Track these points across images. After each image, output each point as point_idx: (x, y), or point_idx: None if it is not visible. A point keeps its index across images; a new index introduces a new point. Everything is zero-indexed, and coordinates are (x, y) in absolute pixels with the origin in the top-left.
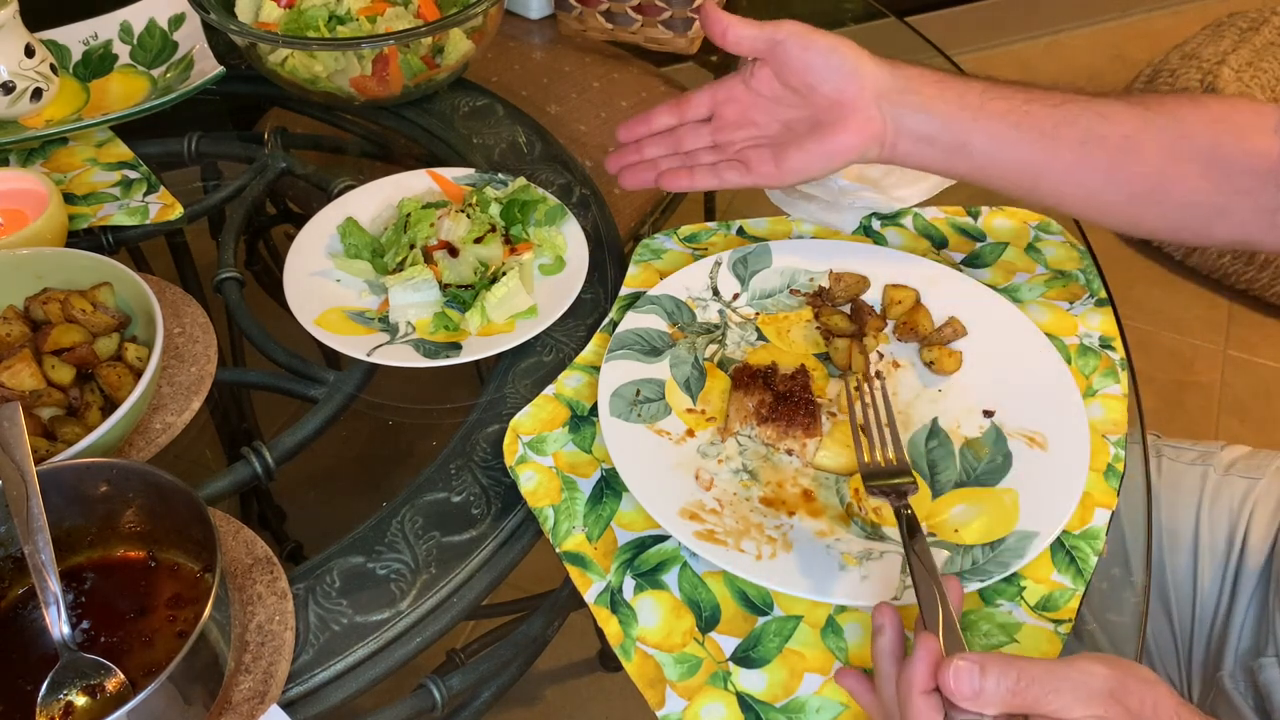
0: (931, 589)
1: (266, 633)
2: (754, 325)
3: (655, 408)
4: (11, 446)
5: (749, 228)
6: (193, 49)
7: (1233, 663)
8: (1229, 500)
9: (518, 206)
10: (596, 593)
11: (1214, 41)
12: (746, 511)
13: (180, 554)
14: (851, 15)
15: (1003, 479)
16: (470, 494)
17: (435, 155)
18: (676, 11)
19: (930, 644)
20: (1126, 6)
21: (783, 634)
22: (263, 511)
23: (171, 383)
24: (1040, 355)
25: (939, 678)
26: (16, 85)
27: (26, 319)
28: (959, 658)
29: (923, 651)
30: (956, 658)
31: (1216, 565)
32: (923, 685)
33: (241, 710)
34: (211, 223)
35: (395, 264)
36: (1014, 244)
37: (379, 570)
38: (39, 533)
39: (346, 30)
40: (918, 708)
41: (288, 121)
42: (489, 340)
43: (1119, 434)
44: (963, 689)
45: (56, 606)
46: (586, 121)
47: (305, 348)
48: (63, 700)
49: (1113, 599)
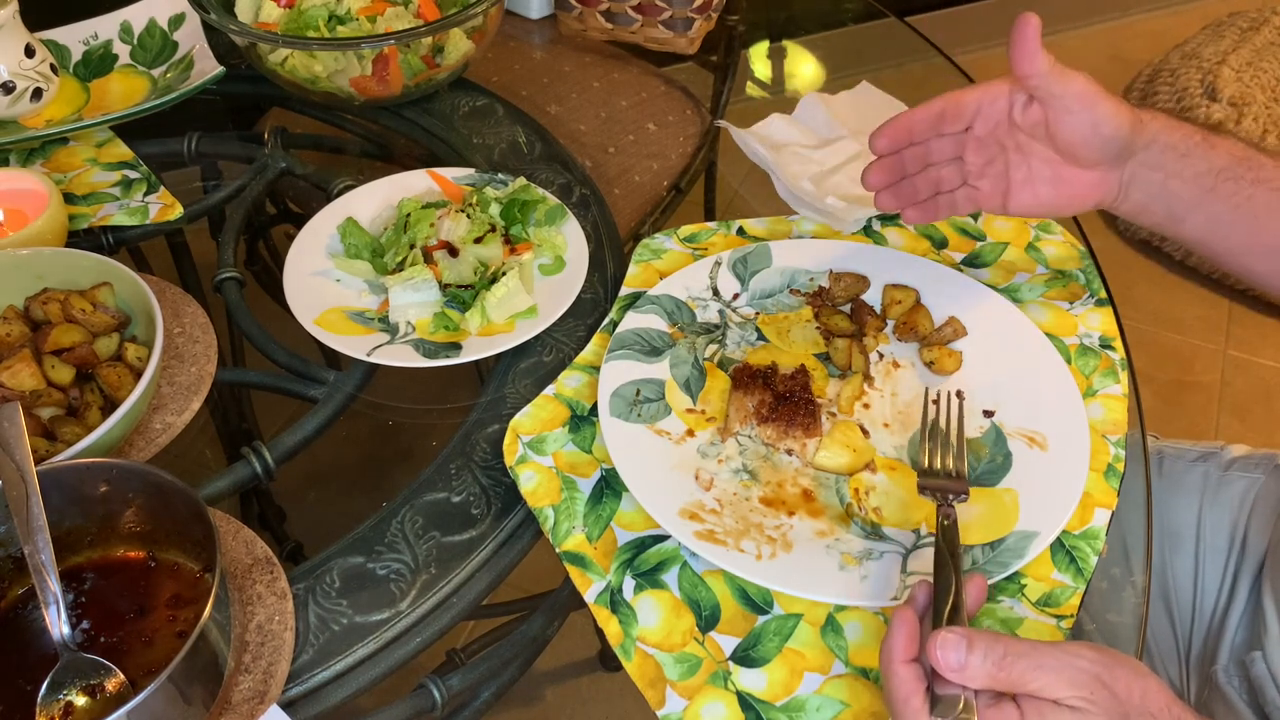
0: (949, 577)
1: (266, 633)
2: (754, 325)
3: (655, 408)
4: (11, 446)
5: (749, 228)
6: (193, 49)
7: (1227, 657)
8: (1230, 499)
9: (518, 206)
10: (596, 593)
11: (1214, 41)
12: (746, 511)
13: (180, 554)
14: (851, 15)
15: (1003, 479)
16: (470, 494)
17: (435, 155)
18: (676, 11)
19: (906, 614)
20: (1126, 6)
21: (782, 633)
22: (263, 511)
23: (171, 383)
24: (1040, 355)
25: (926, 649)
26: (16, 85)
27: (26, 319)
28: (946, 630)
29: (899, 622)
30: (944, 630)
31: (1218, 564)
32: (902, 655)
33: (241, 710)
34: (211, 223)
35: (395, 264)
36: (1014, 244)
37: (379, 570)
38: (39, 533)
39: (346, 30)
40: (900, 677)
41: (288, 121)
42: (489, 340)
43: (1119, 434)
44: (949, 660)
45: (56, 606)
46: (586, 121)
47: (305, 348)
48: (63, 700)
49: (1113, 599)
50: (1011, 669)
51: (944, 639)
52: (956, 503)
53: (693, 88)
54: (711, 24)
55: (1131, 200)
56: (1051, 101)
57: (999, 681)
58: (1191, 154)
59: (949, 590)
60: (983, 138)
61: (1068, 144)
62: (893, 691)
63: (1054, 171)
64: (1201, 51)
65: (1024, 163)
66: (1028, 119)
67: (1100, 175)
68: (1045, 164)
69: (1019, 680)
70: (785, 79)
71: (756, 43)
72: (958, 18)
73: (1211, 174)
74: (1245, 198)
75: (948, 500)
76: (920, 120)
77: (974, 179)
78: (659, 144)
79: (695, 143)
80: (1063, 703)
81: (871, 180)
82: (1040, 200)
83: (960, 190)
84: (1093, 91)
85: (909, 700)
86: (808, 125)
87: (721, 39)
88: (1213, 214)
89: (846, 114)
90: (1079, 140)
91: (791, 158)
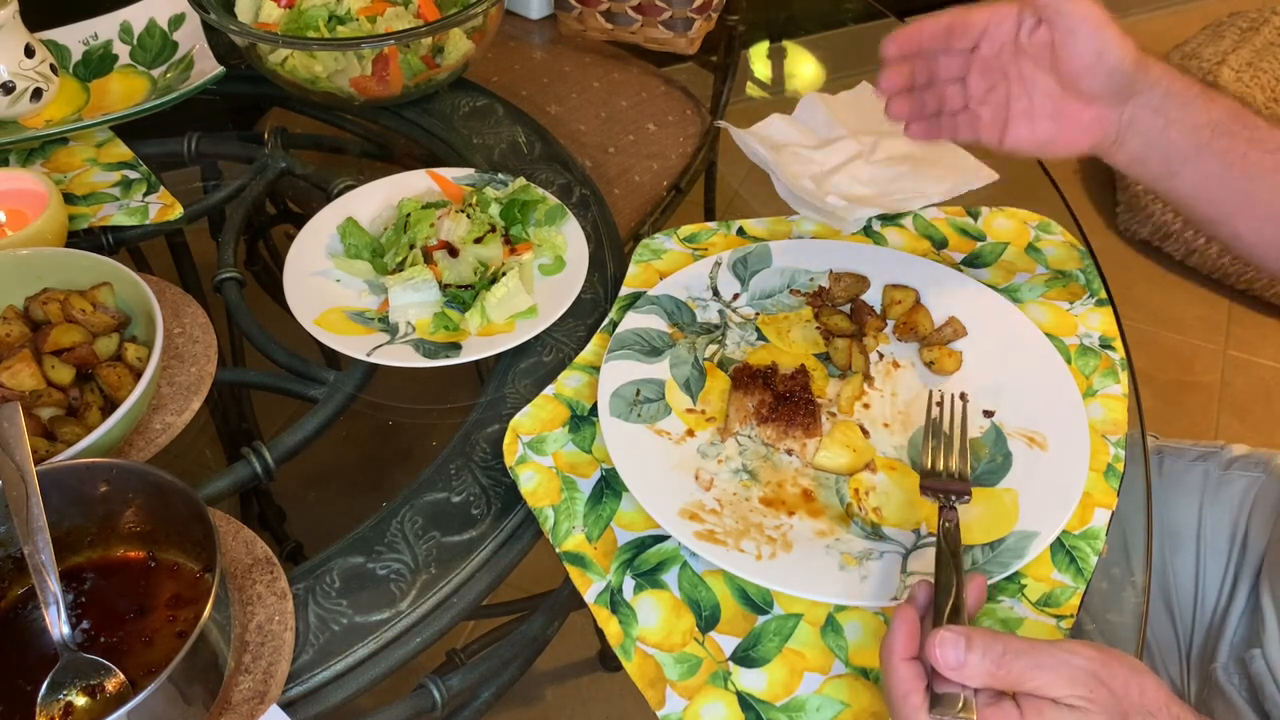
0: (950, 576)
1: (266, 633)
2: (754, 325)
3: (655, 408)
4: (11, 446)
5: (749, 228)
6: (193, 49)
7: (1226, 655)
8: (1230, 498)
9: (518, 206)
10: (596, 593)
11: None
12: (746, 511)
13: (180, 554)
14: (851, 15)
15: (1003, 479)
16: (470, 494)
17: (435, 155)
18: (676, 11)
19: (907, 613)
20: (1126, 6)
21: (782, 633)
22: (263, 511)
23: (171, 383)
24: (1040, 355)
25: (926, 647)
26: (16, 85)
27: (26, 319)
28: (946, 629)
29: (900, 620)
30: (943, 629)
31: (1218, 563)
32: (902, 652)
33: (241, 710)
34: (211, 223)
35: (395, 264)
36: (1014, 244)
37: (379, 570)
38: (39, 533)
39: (346, 30)
40: (900, 674)
41: (288, 121)
42: (489, 340)
43: (1119, 434)
44: (948, 659)
45: (56, 606)
46: (586, 121)
47: (305, 348)
48: (63, 700)
49: (1113, 598)
50: (1010, 667)
51: (943, 637)
52: (959, 504)
53: (693, 88)
54: (711, 24)
55: (1128, 148)
56: (1058, 21)
57: (997, 679)
58: (1192, 104)
59: (950, 589)
60: (987, 59)
61: (1071, 70)
62: (892, 689)
63: (1055, 106)
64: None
65: (1025, 94)
66: (1034, 42)
67: (1100, 112)
68: (1047, 97)
69: (1017, 679)
70: (785, 79)
71: (756, 43)
72: None
73: (1209, 127)
74: (1239, 155)
75: (950, 502)
76: (929, 31)
77: (975, 104)
78: (659, 144)
79: (695, 143)
80: (1061, 701)
81: (885, 83)
82: (1037, 135)
83: (961, 114)
84: (1099, 15)
85: (908, 697)
86: (808, 125)
87: (721, 39)
88: (1206, 170)
89: (846, 114)
90: (1082, 66)
91: (791, 158)
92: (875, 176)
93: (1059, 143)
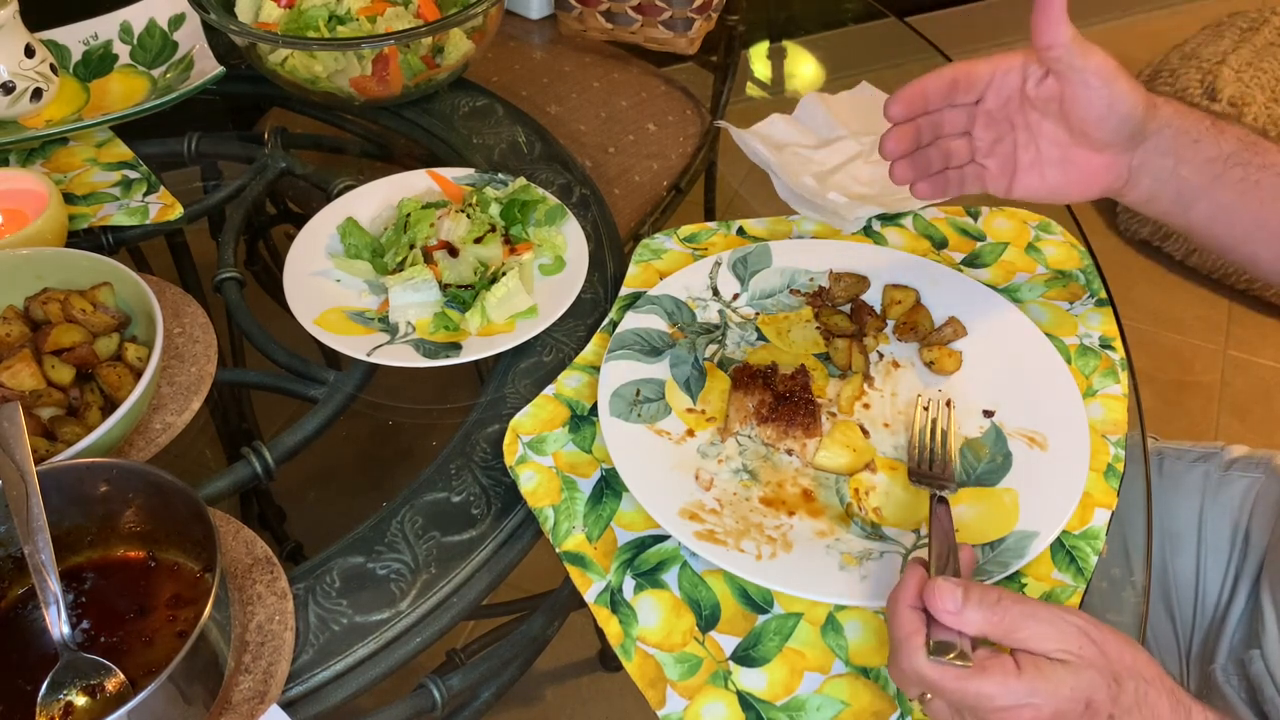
0: (945, 546)
1: (266, 633)
2: (754, 325)
3: (655, 408)
4: (11, 446)
5: (749, 228)
6: (193, 49)
7: (1225, 656)
8: (1230, 499)
9: (518, 206)
10: (596, 593)
11: (1214, 41)
12: (746, 511)
13: (180, 554)
14: (851, 15)
15: (1003, 479)
16: (470, 494)
17: (435, 155)
18: (676, 11)
19: (918, 568)
20: (1126, 6)
21: (783, 633)
22: (263, 511)
23: (171, 383)
24: (1040, 355)
25: (924, 594)
26: (16, 85)
27: (26, 319)
28: (944, 578)
29: (910, 572)
30: (941, 578)
31: (1219, 564)
32: (909, 600)
33: (241, 710)
34: (211, 223)
35: (395, 264)
36: (1014, 244)
37: (379, 570)
38: (39, 533)
39: (346, 30)
40: (904, 617)
41: (288, 121)
42: (489, 340)
43: (1119, 434)
44: (945, 604)
45: (56, 606)
46: (586, 121)
47: (305, 348)
48: (63, 700)
49: (1113, 598)
50: (1005, 614)
51: (940, 585)
52: (948, 494)
53: (693, 88)
54: (711, 24)
55: (1140, 188)
56: (1070, 75)
57: (992, 625)
58: (1202, 139)
59: (947, 555)
60: (992, 112)
61: (1082, 121)
62: (895, 630)
63: (1062, 154)
64: (1201, 52)
65: (1032, 143)
66: (1041, 93)
67: (1109, 159)
68: (1054, 145)
69: (1011, 626)
70: (785, 79)
71: (756, 43)
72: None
73: (1220, 160)
74: (1252, 183)
75: (938, 493)
76: (933, 87)
77: (982, 156)
78: (659, 144)
79: (695, 143)
80: (1051, 656)
81: (889, 147)
82: (1047, 184)
83: (969, 167)
84: (1111, 67)
85: (910, 638)
86: (808, 125)
87: (721, 39)
88: (1219, 201)
89: (846, 114)
90: (1094, 118)
91: (792, 158)
92: (875, 176)
93: (1069, 189)
